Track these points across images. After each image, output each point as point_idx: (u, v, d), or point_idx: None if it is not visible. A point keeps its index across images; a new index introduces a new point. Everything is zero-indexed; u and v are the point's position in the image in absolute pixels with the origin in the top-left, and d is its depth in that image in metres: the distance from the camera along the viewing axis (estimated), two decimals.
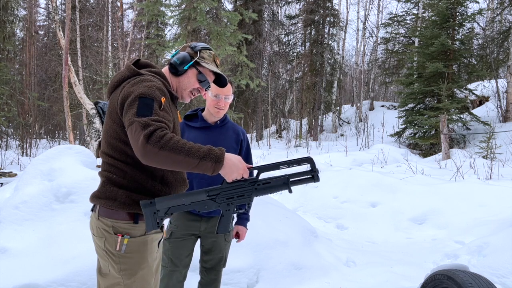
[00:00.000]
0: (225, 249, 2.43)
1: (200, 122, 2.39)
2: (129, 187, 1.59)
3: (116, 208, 1.57)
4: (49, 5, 19.04)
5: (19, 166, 11.91)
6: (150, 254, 1.64)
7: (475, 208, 5.48)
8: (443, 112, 12.16)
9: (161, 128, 1.42)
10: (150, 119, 1.44)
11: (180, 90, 1.76)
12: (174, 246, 2.30)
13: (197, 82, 1.75)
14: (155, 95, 1.51)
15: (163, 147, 1.38)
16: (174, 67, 1.73)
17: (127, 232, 1.58)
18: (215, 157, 1.45)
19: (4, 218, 3.48)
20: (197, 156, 1.42)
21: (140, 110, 1.46)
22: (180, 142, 1.42)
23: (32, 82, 23.26)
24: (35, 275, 2.91)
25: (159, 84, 1.59)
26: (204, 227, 2.35)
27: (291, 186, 1.57)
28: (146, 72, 1.66)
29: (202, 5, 8.38)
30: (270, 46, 24.60)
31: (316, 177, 1.56)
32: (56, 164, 3.97)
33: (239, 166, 1.53)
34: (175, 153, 1.40)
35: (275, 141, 20.14)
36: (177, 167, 1.45)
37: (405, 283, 3.61)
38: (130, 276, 1.59)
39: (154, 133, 1.40)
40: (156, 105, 1.49)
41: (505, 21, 18.94)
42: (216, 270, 2.43)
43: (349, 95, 30.16)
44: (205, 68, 1.75)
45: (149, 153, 1.40)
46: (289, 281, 3.53)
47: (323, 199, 6.51)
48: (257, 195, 1.58)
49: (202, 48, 1.77)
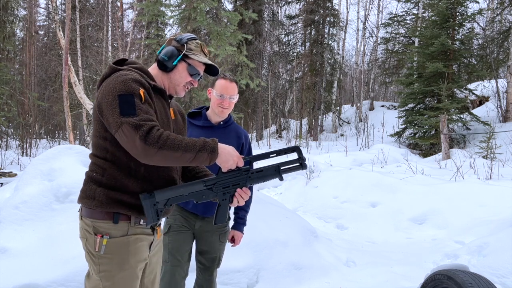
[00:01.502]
0: (220, 250, 2.42)
1: (203, 121, 2.37)
2: (107, 185, 1.55)
3: (94, 207, 1.54)
4: (49, 5, 19.03)
5: (19, 166, 11.90)
6: (134, 255, 1.57)
7: (475, 208, 5.47)
8: (443, 112, 12.16)
9: (155, 127, 1.43)
10: (139, 119, 1.42)
11: (173, 86, 1.71)
12: (173, 239, 2.29)
13: (189, 75, 1.70)
14: (133, 90, 1.48)
15: (162, 146, 1.40)
16: (162, 64, 1.67)
17: (107, 232, 1.54)
18: (210, 148, 1.50)
19: (4, 218, 3.48)
20: (194, 150, 1.46)
21: (123, 110, 1.44)
22: (177, 139, 1.44)
23: (32, 82, 23.25)
24: (35, 275, 2.91)
25: (135, 75, 1.54)
26: (199, 225, 2.34)
27: (282, 174, 1.67)
28: (125, 68, 1.62)
29: (202, 5, 8.38)
30: (270, 46, 24.60)
31: (304, 164, 1.65)
32: (56, 164, 3.97)
33: (233, 154, 1.57)
34: (174, 150, 1.42)
35: (275, 141, 20.13)
36: (176, 162, 1.48)
37: (405, 283, 3.61)
38: (108, 278, 1.54)
39: (150, 133, 1.40)
40: (137, 100, 1.47)
41: (505, 21, 18.94)
42: (210, 270, 2.41)
43: (349, 95, 30.16)
44: (195, 60, 1.70)
45: (149, 154, 1.40)
46: (289, 281, 3.53)
47: (323, 199, 6.51)
48: (251, 183, 1.65)
49: (189, 39, 1.70)
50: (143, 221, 1.62)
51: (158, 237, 1.75)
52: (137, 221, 1.60)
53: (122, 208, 1.55)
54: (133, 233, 1.59)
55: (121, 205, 1.55)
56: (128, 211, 1.56)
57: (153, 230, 1.69)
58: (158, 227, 1.75)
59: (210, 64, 1.75)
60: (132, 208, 1.57)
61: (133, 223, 1.59)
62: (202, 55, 1.73)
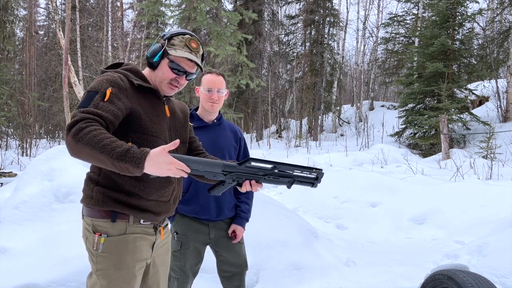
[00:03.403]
0: (242, 250, 2.37)
1: (197, 122, 2.30)
2: (104, 184, 1.56)
3: (93, 206, 1.55)
4: (49, 5, 19.02)
5: (19, 166, 11.90)
6: (131, 254, 1.57)
7: (475, 208, 5.47)
8: (443, 112, 12.16)
9: (86, 119, 1.36)
10: (80, 110, 1.40)
11: (158, 83, 1.67)
12: (186, 257, 2.23)
13: (171, 72, 1.63)
14: (100, 87, 1.49)
15: (80, 140, 1.32)
16: (149, 62, 1.66)
17: (105, 231, 1.54)
18: (133, 159, 1.31)
19: (4, 218, 3.48)
20: (110, 155, 1.30)
21: (81, 103, 1.46)
22: (97, 137, 1.31)
23: (32, 82, 23.24)
24: (35, 275, 2.90)
25: (114, 77, 1.53)
26: (213, 234, 2.28)
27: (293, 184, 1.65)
28: (112, 70, 1.62)
29: (202, 5, 8.37)
30: (270, 46, 24.60)
31: (316, 185, 1.63)
32: (56, 164, 3.97)
33: (166, 161, 1.36)
34: (90, 147, 1.31)
35: (275, 141, 20.13)
36: (97, 163, 1.36)
37: (405, 283, 3.61)
38: (105, 277, 1.54)
39: (76, 125, 1.35)
40: (98, 97, 1.46)
41: (505, 21, 18.94)
42: (240, 275, 2.35)
43: (349, 95, 30.16)
44: (177, 56, 1.62)
45: (68, 145, 1.35)
46: (289, 281, 3.53)
47: (323, 199, 6.51)
48: (264, 182, 1.63)
49: (174, 35, 1.63)
50: (143, 220, 1.61)
51: (162, 237, 1.74)
52: (137, 220, 1.60)
53: (119, 206, 1.55)
54: (132, 232, 1.58)
55: (118, 204, 1.56)
56: (125, 210, 1.56)
57: (155, 230, 1.68)
58: (161, 227, 1.73)
59: (192, 60, 1.63)
60: (130, 207, 1.57)
61: (132, 222, 1.58)
62: (186, 49, 1.62)
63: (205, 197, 2.25)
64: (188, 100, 8.56)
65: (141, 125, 1.56)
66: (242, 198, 2.42)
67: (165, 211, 1.69)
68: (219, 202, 2.29)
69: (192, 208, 2.25)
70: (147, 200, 1.60)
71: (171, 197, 1.70)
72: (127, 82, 1.57)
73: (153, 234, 1.67)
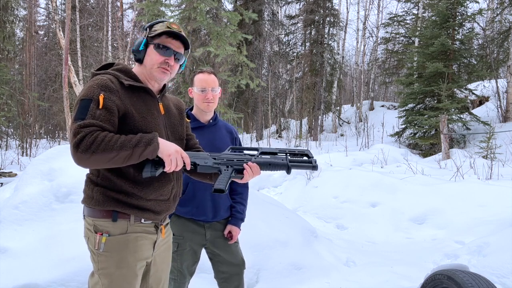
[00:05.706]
0: (238, 249, 2.37)
1: (193, 123, 2.28)
2: (103, 184, 1.58)
3: (94, 206, 1.57)
4: (49, 5, 19.02)
5: (19, 166, 11.90)
6: (133, 254, 1.58)
7: (475, 208, 5.47)
8: (443, 112, 12.15)
9: (90, 133, 1.43)
10: (80, 125, 1.44)
11: (149, 73, 1.68)
12: (182, 258, 2.24)
13: (159, 55, 1.65)
14: (93, 95, 1.51)
15: (94, 151, 1.41)
16: (136, 57, 1.68)
17: (107, 230, 1.56)
18: (147, 141, 1.49)
19: (4, 218, 3.48)
20: (130, 147, 1.45)
21: (77, 114, 1.49)
22: (112, 140, 1.43)
23: (32, 82, 23.23)
24: (35, 275, 2.91)
25: (104, 80, 1.55)
26: (209, 234, 2.29)
27: (292, 169, 1.65)
28: (103, 72, 1.63)
29: (202, 5, 8.38)
30: (270, 46, 24.58)
31: (316, 165, 1.62)
32: (56, 164, 3.97)
33: (173, 147, 1.57)
34: (108, 152, 1.42)
35: (275, 141, 20.13)
36: (115, 163, 1.47)
37: (405, 283, 3.61)
38: (106, 276, 1.56)
39: (83, 141, 1.41)
40: (93, 105, 1.49)
41: (505, 21, 18.93)
42: (238, 275, 2.35)
43: (349, 95, 30.16)
44: (161, 38, 1.65)
45: (81, 161, 1.43)
46: (289, 281, 3.53)
47: (323, 199, 6.51)
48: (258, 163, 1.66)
49: (154, 23, 1.69)
50: (144, 220, 1.62)
51: (163, 236, 1.74)
52: (138, 219, 1.61)
53: (119, 206, 1.57)
54: (133, 231, 1.59)
55: (118, 203, 1.57)
56: (126, 209, 1.58)
57: (156, 228, 1.69)
58: (163, 225, 1.74)
59: (172, 31, 1.65)
60: (131, 207, 1.58)
61: (133, 221, 1.60)
62: (167, 29, 1.65)
63: (202, 198, 2.26)
64: (188, 100, 8.55)
65: (135, 125, 1.58)
66: (237, 199, 2.43)
67: (166, 209, 1.70)
68: (216, 203, 2.29)
69: (188, 210, 2.26)
70: (147, 200, 1.61)
71: (170, 195, 1.70)
72: (118, 83, 1.59)
73: (154, 233, 1.68)
